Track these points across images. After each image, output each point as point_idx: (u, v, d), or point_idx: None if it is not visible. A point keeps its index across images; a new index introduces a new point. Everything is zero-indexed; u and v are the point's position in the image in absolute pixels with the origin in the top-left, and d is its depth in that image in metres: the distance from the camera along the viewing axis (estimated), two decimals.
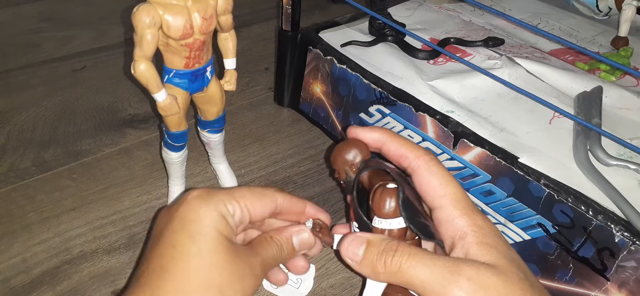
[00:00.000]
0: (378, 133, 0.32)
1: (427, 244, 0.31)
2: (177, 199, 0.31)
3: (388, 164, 0.31)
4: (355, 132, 0.32)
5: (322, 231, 0.34)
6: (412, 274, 0.26)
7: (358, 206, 0.30)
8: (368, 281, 0.29)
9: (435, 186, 0.29)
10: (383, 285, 0.29)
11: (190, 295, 0.26)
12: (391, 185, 0.29)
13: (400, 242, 0.27)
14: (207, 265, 0.27)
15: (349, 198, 0.32)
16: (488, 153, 0.43)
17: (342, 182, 0.33)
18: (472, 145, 0.44)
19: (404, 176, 0.30)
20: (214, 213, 0.29)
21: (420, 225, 0.28)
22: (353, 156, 0.32)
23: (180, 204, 0.30)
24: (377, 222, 0.29)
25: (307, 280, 0.41)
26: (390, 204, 0.28)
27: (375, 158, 0.32)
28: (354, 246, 0.28)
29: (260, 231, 0.35)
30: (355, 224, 0.31)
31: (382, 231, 0.29)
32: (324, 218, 0.35)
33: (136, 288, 0.27)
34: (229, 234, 0.29)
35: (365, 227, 0.30)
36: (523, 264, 0.27)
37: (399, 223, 0.29)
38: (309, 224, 0.34)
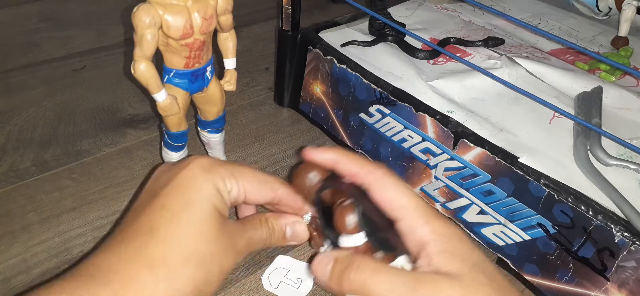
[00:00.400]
0: (330, 153, 0.32)
1: (401, 257, 0.31)
2: (179, 161, 0.31)
3: (346, 181, 0.32)
4: (309, 154, 0.33)
5: (317, 230, 0.34)
6: (374, 290, 0.26)
7: (325, 226, 0.31)
8: None
9: (391, 198, 0.29)
10: None
11: (171, 259, 0.26)
12: (348, 202, 0.30)
13: (364, 257, 0.28)
14: (194, 234, 0.27)
15: (311, 219, 0.34)
16: (488, 153, 0.43)
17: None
18: (472, 145, 0.44)
19: (362, 191, 0.31)
20: (210, 186, 0.29)
21: (380, 239, 0.28)
22: (312, 177, 0.33)
23: (181, 168, 0.29)
24: (343, 240, 0.30)
25: (307, 281, 0.41)
26: (350, 220, 0.29)
27: (334, 177, 0.32)
28: (324, 264, 0.29)
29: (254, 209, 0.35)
30: (323, 247, 0.32)
31: (348, 248, 0.29)
32: None
33: (122, 241, 0.27)
34: (221, 208, 0.29)
35: (335, 245, 0.31)
36: (489, 266, 0.27)
37: (360, 238, 0.29)
38: (307, 218, 0.34)
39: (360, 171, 0.31)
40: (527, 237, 0.42)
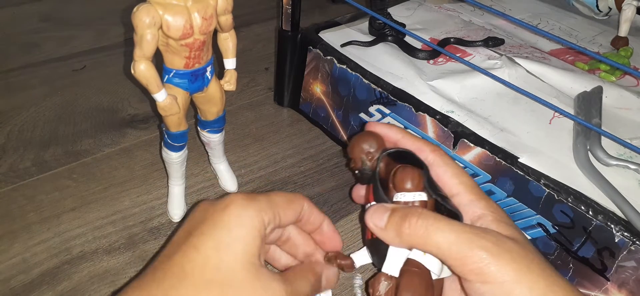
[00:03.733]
0: (394, 130, 0.34)
1: None
2: (221, 198, 0.30)
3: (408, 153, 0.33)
4: (373, 126, 0.34)
5: (339, 257, 0.35)
6: (437, 237, 0.27)
7: (381, 190, 0.31)
8: (388, 254, 0.30)
9: (451, 175, 0.31)
10: (403, 258, 0.29)
11: None
12: (410, 166, 0.31)
13: (423, 209, 0.29)
14: (225, 279, 0.26)
15: (363, 188, 0.34)
16: (488, 153, 0.43)
17: (356, 171, 0.34)
18: (472, 145, 0.44)
19: (422, 164, 0.32)
20: (247, 225, 0.28)
21: (443, 198, 0.30)
22: (369, 145, 0.33)
23: (219, 206, 0.29)
24: (399, 196, 0.30)
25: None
26: (412, 179, 0.30)
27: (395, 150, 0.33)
28: (379, 213, 0.29)
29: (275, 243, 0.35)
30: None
31: (404, 204, 0.30)
32: (338, 240, 0.36)
33: (153, 281, 0.27)
34: (256, 251, 0.28)
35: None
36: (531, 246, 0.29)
37: (420, 196, 0.30)
38: (333, 268, 0.35)
39: (425, 147, 0.33)
40: (527, 237, 0.42)
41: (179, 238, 0.29)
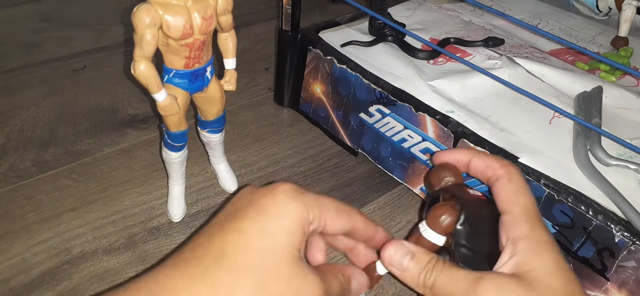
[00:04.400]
0: (463, 153, 0.34)
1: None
2: (266, 185, 0.29)
3: (471, 191, 0.32)
4: (442, 156, 0.34)
5: (372, 270, 0.34)
6: (441, 287, 0.28)
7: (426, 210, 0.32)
8: None
9: (510, 191, 0.31)
10: None
11: (239, 290, 0.25)
12: (450, 203, 0.31)
13: (438, 258, 0.29)
14: (266, 269, 0.26)
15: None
16: (488, 153, 0.43)
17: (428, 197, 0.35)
18: (472, 145, 0.44)
19: (481, 202, 0.32)
20: (292, 216, 0.27)
21: (464, 255, 0.29)
22: (444, 176, 0.34)
23: (266, 192, 0.28)
24: (421, 227, 0.31)
25: None
26: (444, 220, 0.30)
27: (464, 187, 0.33)
28: (399, 255, 0.30)
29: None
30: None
31: (418, 235, 0.31)
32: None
33: (190, 259, 0.26)
34: (298, 244, 0.27)
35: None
36: (570, 278, 0.27)
37: (437, 239, 0.30)
38: (363, 275, 0.34)
39: (493, 163, 0.32)
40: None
41: (220, 219, 0.28)
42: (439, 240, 0.30)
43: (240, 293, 0.24)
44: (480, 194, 0.32)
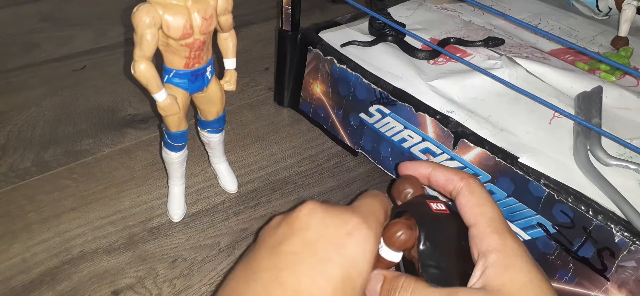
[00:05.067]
0: (424, 166, 0.34)
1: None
2: (343, 217, 0.29)
3: (433, 205, 0.32)
4: (405, 168, 0.34)
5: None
6: None
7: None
8: None
9: (473, 204, 0.30)
10: None
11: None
12: (405, 218, 0.30)
13: (407, 278, 0.29)
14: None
15: None
16: (488, 153, 0.43)
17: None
18: (472, 145, 0.44)
19: (444, 217, 0.31)
20: (367, 259, 0.28)
21: (432, 273, 0.29)
22: (404, 189, 0.33)
23: (341, 230, 0.28)
24: (382, 249, 0.30)
25: None
26: (399, 236, 0.29)
27: (424, 197, 0.33)
28: (374, 281, 0.30)
29: None
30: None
31: (376, 254, 0.30)
32: None
33: (262, 270, 0.26)
34: (366, 282, 0.28)
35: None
36: (543, 289, 0.27)
37: (393, 256, 0.30)
38: None
39: (454, 176, 0.32)
40: (527, 237, 0.42)
41: (300, 252, 0.28)
42: (396, 257, 0.30)
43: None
44: (444, 208, 0.32)
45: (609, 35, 0.66)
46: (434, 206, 0.31)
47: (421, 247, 0.29)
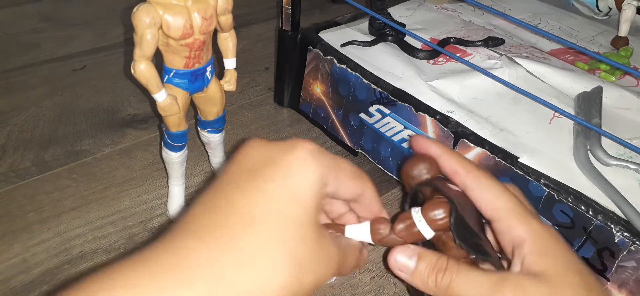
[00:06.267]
0: (434, 147, 0.32)
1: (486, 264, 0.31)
2: (281, 142, 0.26)
3: (452, 186, 0.31)
4: (419, 144, 0.32)
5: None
6: (460, 290, 0.27)
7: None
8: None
9: (489, 199, 0.29)
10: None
11: (270, 260, 0.22)
12: (442, 198, 0.30)
13: (449, 259, 0.28)
14: (297, 237, 0.23)
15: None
16: (488, 153, 0.43)
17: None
18: (472, 145, 0.44)
19: (463, 196, 0.30)
20: (318, 178, 0.25)
21: (473, 244, 0.28)
22: (419, 171, 0.32)
23: (287, 150, 0.25)
24: (416, 217, 0.29)
25: None
26: (436, 214, 0.29)
27: (442, 179, 0.32)
28: (405, 257, 0.29)
29: None
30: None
31: (411, 224, 0.29)
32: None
33: (214, 227, 0.23)
34: (319, 207, 0.25)
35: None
36: (584, 268, 0.27)
37: (428, 232, 0.29)
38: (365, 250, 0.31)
39: (460, 169, 0.30)
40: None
41: (236, 178, 0.25)
42: (428, 234, 0.30)
43: (272, 263, 0.22)
44: (460, 189, 0.32)
45: (609, 35, 0.66)
46: (453, 186, 0.31)
47: (454, 224, 0.28)
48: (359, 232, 0.30)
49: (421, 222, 0.29)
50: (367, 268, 0.43)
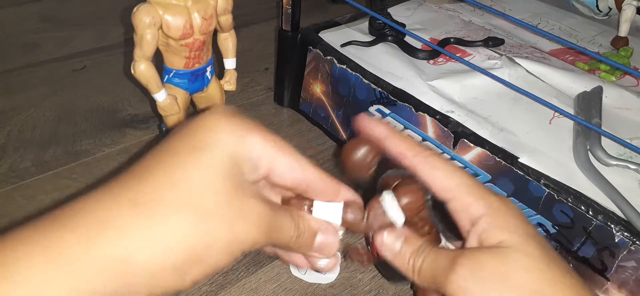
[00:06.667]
0: (379, 129, 0.30)
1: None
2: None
3: (406, 170, 0.30)
4: (363, 123, 0.30)
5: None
6: (426, 269, 0.27)
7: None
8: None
9: (442, 179, 0.28)
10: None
11: (162, 204, 0.21)
12: (413, 185, 0.29)
13: (423, 241, 0.28)
14: (199, 181, 0.22)
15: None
16: (488, 153, 0.43)
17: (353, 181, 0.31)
18: (472, 145, 0.44)
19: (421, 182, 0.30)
20: (231, 133, 0.24)
21: (449, 225, 0.28)
22: (364, 154, 0.30)
23: (202, 114, 0.24)
24: (389, 205, 0.29)
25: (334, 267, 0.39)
26: (409, 200, 0.28)
27: (387, 161, 0.30)
28: (392, 239, 0.28)
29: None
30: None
31: (382, 212, 0.29)
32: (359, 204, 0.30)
33: (111, 184, 0.23)
34: (242, 163, 0.24)
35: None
36: (543, 241, 0.26)
37: (398, 219, 0.29)
38: (332, 238, 0.29)
39: (407, 152, 0.29)
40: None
41: (152, 148, 0.24)
42: (401, 221, 0.29)
43: (165, 208, 0.21)
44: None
45: (609, 35, 0.66)
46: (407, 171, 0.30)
47: (431, 207, 0.28)
48: (328, 212, 0.28)
49: (394, 209, 0.29)
50: (367, 268, 0.43)
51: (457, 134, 0.45)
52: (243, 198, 0.23)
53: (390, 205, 0.28)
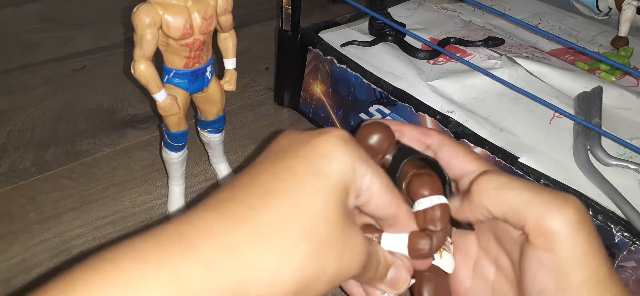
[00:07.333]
0: (394, 124, 0.30)
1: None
2: (312, 131, 0.25)
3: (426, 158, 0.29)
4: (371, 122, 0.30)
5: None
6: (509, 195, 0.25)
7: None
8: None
9: (464, 153, 0.28)
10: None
11: (287, 234, 0.21)
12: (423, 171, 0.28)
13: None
14: (319, 210, 0.22)
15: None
16: (488, 152, 0.43)
17: None
18: (472, 145, 0.44)
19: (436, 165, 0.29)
20: (348, 161, 0.23)
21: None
22: (380, 139, 0.29)
23: (316, 134, 0.24)
24: (418, 205, 0.28)
25: None
26: (431, 186, 0.27)
27: (405, 149, 0.30)
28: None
29: None
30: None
31: (424, 212, 0.27)
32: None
33: (229, 200, 0.22)
34: (348, 194, 0.23)
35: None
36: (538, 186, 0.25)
37: (439, 199, 0.27)
38: (403, 269, 0.28)
39: (422, 137, 0.29)
40: None
41: (264, 159, 0.24)
42: (435, 201, 0.28)
43: (290, 238, 0.21)
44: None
45: (609, 35, 0.66)
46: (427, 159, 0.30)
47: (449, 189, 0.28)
48: (395, 243, 0.27)
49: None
50: None
51: (457, 134, 0.45)
52: (350, 230, 0.23)
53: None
